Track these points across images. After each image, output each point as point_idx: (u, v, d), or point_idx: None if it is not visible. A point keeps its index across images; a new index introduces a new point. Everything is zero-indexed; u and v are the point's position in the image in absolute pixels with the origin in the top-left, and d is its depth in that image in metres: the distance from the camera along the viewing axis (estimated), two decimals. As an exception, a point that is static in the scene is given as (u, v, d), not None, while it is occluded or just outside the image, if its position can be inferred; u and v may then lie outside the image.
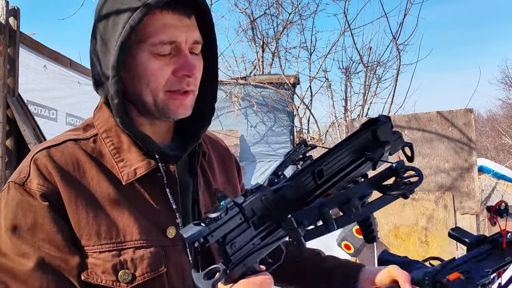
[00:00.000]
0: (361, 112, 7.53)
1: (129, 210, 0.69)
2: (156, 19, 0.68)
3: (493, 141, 21.67)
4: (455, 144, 3.40)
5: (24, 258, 0.63)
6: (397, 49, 6.45)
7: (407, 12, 6.28)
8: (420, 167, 3.44)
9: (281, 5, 9.23)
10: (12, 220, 0.64)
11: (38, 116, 4.86)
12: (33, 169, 0.67)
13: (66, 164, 0.68)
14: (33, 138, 4.04)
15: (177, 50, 0.70)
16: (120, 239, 0.67)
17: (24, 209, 0.65)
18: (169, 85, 0.71)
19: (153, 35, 0.68)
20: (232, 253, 0.55)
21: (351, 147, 0.58)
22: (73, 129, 0.77)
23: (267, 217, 0.56)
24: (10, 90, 4.15)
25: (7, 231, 0.64)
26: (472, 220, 3.29)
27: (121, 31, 0.66)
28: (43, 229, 0.64)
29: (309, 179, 0.57)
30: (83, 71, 5.92)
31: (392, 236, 3.47)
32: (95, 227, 0.66)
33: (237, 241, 0.55)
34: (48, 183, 0.66)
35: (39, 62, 5.03)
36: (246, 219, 0.55)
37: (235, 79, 6.63)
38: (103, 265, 0.65)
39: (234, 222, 0.54)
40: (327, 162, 0.58)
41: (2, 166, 4.05)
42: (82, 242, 0.66)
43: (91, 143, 0.73)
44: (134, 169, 0.71)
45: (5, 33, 4.13)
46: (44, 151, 0.69)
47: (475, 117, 3.51)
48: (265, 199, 0.55)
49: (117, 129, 0.74)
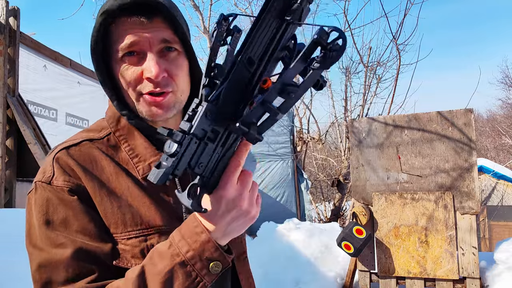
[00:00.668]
0: (361, 112, 7.53)
1: (149, 200, 0.74)
2: (117, 27, 0.73)
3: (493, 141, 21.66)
4: (455, 144, 3.39)
5: (61, 248, 0.67)
6: (397, 49, 6.45)
7: (407, 12, 6.27)
8: (420, 167, 3.45)
9: (281, 5, 9.21)
10: (45, 215, 0.68)
11: (38, 116, 4.86)
12: (57, 167, 0.71)
13: (85, 161, 0.73)
14: (33, 138, 4.04)
15: (143, 53, 0.73)
16: (144, 225, 0.72)
17: (54, 204, 0.69)
18: (140, 88, 0.74)
19: (115, 42, 0.73)
20: (203, 170, 0.58)
21: (268, 18, 0.53)
22: (87, 130, 0.81)
23: (218, 127, 0.57)
24: (10, 90, 4.15)
25: (41, 227, 0.68)
26: (472, 220, 3.29)
27: (91, 42, 0.73)
28: (75, 220, 0.68)
29: (242, 73, 0.55)
30: (83, 71, 5.92)
31: (392, 236, 3.47)
32: (120, 216, 0.71)
33: (202, 160, 0.57)
34: (73, 179, 0.70)
35: (39, 62, 5.03)
36: (200, 141, 0.56)
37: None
38: (131, 250, 0.70)
39: (191, 148, 0.55)
40: (252, 46, 0.54)
41: (2, 166, 4.05)
42: (111, 230, 0.71)
43: (105, 142, 0.77)
44: (148, 163, 0.76)
45: (5, 33, 4.13)
46: (64, 151, 0.73)
47: (475, 117, 3.51)
48: (210, 114, 0.55)
49: (129, 126, 0.79)
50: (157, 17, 0.73)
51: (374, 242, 3.53)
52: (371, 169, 3.63)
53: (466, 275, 3.24)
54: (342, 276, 3.87)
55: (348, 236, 3.32)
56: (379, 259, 3.50)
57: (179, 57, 0.76)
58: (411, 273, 3.38)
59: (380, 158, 3.60)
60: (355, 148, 3.72)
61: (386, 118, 3.67)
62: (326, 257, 4.09)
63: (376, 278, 3.56)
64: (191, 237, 0.63)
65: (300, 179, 6.97)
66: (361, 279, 3.60)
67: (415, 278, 3.39)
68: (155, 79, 0.72)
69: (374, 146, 3.65)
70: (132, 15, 0.71)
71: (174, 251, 0.63)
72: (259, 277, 3.96)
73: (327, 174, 9.82)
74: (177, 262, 0.62)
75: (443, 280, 3.31)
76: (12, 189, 4.15)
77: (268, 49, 0.56)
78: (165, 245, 0.65)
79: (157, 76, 0.72)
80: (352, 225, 3.37)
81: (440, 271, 3.29)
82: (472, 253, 3.24)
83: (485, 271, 3.42)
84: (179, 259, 0.62)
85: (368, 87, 7.68)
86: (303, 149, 7.77)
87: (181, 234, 0.64)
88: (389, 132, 3.61)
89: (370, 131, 3.68)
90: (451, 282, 3.28)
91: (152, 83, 0.73)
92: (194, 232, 0.63)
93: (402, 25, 6.21)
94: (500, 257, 3.47)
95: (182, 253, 0.63)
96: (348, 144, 6.85)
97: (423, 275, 3.34)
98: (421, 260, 3.36)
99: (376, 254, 3.53)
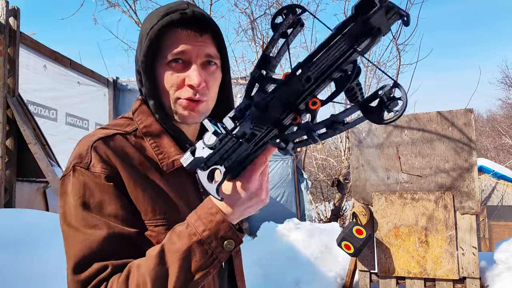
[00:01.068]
0: (361, 112, 7.51)
1: (173, 193, 0.81)
2: (171, 36, 0.81)
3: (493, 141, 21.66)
4: (455, 144, 3.39)
5: (96, 229, 0.72)
6: (397, 49, 6.45)
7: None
8: (420, 167, 3.45)
9: (281, 5, 9.23)
10: (81, 198, 0.73)
11: (38, 116, 4.86)
12: (94, 155, 0.76)
13: (120, 152, 0.79)
14: (33, 138, 4.04)
15: (188, 63, 0.82)
16: (170, 215, 0.78)
17: (91, 188, 0.74)
18: (179, 93, 0.82)
19: (166, 48, 0.81)
20: (231, 163, 0.63)
21: (342, 40, 0.53)
22: (112, 124, 0.87)
23: (258, 131, 0.60)
24: (10, 90, 4.15)
25: (77, 207, 0.73)
26: (472, 220, 3.29)
27: (143, 47, 0.81)
28: (110, 205, 0.74)
29: (296, 87, 0.56)
30: (83, 71, 5.92)
31: (392, 236, 3.47)
32: (150, 204, 0.77)
33: (233, 156, 0.62)
34: (110, 167, 0.76)
35: (39, 62, 5.03)
36: (238, 140, 0.59)
37: (235, 79, 6.62)
38: (157, 236, 0.76)
39: (228, 145, 0.60)
40: (316, 64, 0.55)
41: (2, 166, 4.05)
42: (141, 217, 0.76)
43: (132, 137, 0.83)
44: (172, 160, 0.82)
45: (5, 33, 4.13)
46: (101, 141, 0.78)
47: (475, 117, 3.51)
48: (255, 119, 0.58)
49: (156, 125, 0.85)
50: (207, 33, 0.83)
51: (374, 242, 3.53)
52: (371, 169, 3.63)
53: (466, 275, 3.24)
54: (342, 276, 3.86)
55: (348, 236, 3.32)
56: (379, 259, 3.50)
57: (216, 71, 0.86)
58: (411, 273, 3.38)
59: (380, 158, 3.60)
60: (355, 148, 3.72)
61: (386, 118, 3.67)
62: (326, 257, 4.09)
63: (376, 278, 3.56)
64: (206, 218, 0.69)
65: (300, 179, 6.97)
66: (361, 279, 3.60)
67: (415, 278, 3.39)
68: (196, 87, 0.81)
69: (374, 146, 3.65)
70: (188, 28, 0.81)
71: (191, 230, 0.69)
72: (259, 277, 3.96)
73: (327, 174, 9.82)
74: (195, 240, 0.68)
75: (443, 280, 3.31)
76: (12, 189, 4.15)
77: (329, 69, 0.56)
78: (182, 226, 0.71)
79: (199, 85, 0.80)
80: (352, 225, 3.37)
81: (440, 271, 3.29)
82: (472, 253, 3.24)
83: (485, 271, 3.42)
84: (196, 238, 0.68)
85: (368, 87, 7.67)
86: (303, 149, 7.77)
87: (197, 215, 0.70)
88: (389, 132, 3.61)
89: (370, 131, 3.68)
90: (451, 282, 3.28)
91: (192, 90, 0.81)
92: (209, 213, 0.70)
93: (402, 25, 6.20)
94: (500, 257, 3.47)
95: (199, 232, 0.68)
96: (348, 144, 6.85)
97: (423, 275, 3.34)
98: (421, 260, 3.36)
99: (376, 254, 3.53)
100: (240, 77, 6.74)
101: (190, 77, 0.81)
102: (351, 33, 0.52)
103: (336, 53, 0.54)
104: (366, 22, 0.51)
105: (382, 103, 0.53)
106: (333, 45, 0.53)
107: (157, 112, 0.84)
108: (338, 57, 0.54)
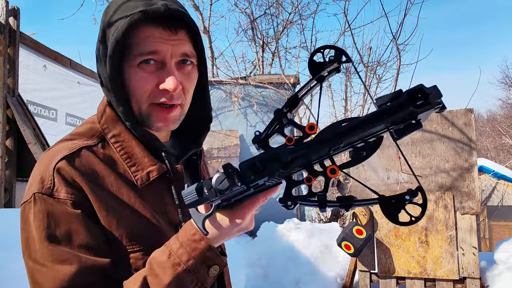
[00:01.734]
0: (361, 112, 7.53)
1: (149, 212, 0.73)
2: (140, 32, 0.71)
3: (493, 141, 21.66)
4: (455, 144, 3.39)
5: (66, 265, 0.64)
6: (397, 49, 6.44)
7: (407, 12, 6.26)
8: (421, 167, 3.45)
9: (281, 5, 9.23)
10: (46, 230, 0.65)
11: (38, 116, 4.86)
12: (58, 178, 0.67)
13: (87, 172, 0.70)
14: (33, 138, 4.04)
15: (162, 63, 0.72)
16: (147, 239, 0.72)
17: (56, 218, 0.66)
18: (152, 97, 0.73)
19: (136, 46, 0.71)
20: (227, 202, 0.61)
21: (384, 122, 0.52)
22: (77, 133, 0.77)
23: (269, 183, 0.59)
24: (10, 90, 4.15)
25: (42, 241, 0.65)
26: (472, 220, 3.29)
27: (110, 46, 0.70)
28: (79, 235, 0.66)
29: (320, 152, 0.55)
30: (83, 71, 5.92)
31: (392, 236, 3.47)
32: (125, 229, 0.70)
33: (234, 199, 0.61)
34: (76, 191, 0.67)
35: (39, 62, 5.03)
36: (248, 188, 0.57)
37: (235, 79, 6.62)
38: (135, 263, 0.70)
39: (236, 191, 0.58)
40: (351, 136, 0.54)
41: (2, 166, 4.05)
42: (115, 244, 0.69)
43: (100, 149, 0.74)
44: (147, 172, 0.75)
45: (5, 33, 4.13)
46: (65, 161, 0.69)
47: (475, 117, 3.51)
48: (275, 176, 0.56)
49: (126, 133, 0.76)
50: (182, 30, 0.73)
51: (374, 242, 3.53)
52: (371, 169, 3.63)
53: (466, 275, 3.23)
54: (342, 276, 3.86)
55: (348, 236, 3.32)
56: (379, 259, 3.50)
57: (193, 71, 0.77)
58: (411, 273, 3.38)
59: (380, 158, 3.60)
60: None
61: (386, 118, 3.67)
62: (326, 257, 4.09)
63: (376, 278, 3.56)
64: (190, 245, 0.64)
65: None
66: (361, 279, 3.60)
67: (415, 278, 3.39)
68: (172, 92, 0.72)
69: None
70: (160, 25, 0.71)
71: (174, 260, 0.64)
72: (259, 277, 3.96)
73: (327, 174, 9.79)
74: (179, 271, 0.63)
75: (443, 280, 3.30)
76: (12, 189, 4.15)
77: (358, 141, 0.55)
78: (164, 254, 0.65)
79: (175, 89, 0.71)
80: (352, 225, 3.37)
81: (440, 271, 3.28)
82: (472, 253, 3.24)
83: (485, 271, 3.42)
84: (180, 268, 0.63)
85: (368, 87, 7.67)
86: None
87: (180, 242, 0.65)
88: (389, 132, 3.60)
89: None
90: (451, 282, 3.28)
91: (167, 94, 0.73)
92: (192, 240, 0.64)
93: (402, 25, 6.20)
94: (500, 257, 3.47)
95: (183, 261, 0.64)
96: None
97: (423, 275, 3.34)
98: (421, 260, 3.35)
99: (376, 254, 3.53)
100: (240, 77, 6.73)
101: (166, 81, 0.71)
102: (395, 118, 0.51)
103: (373, 129, 0.53)
104: (414, 114, 0.50)
105: (401, 204, 0.53)
106: (375, 124, 0.52)
107: (127, 120, 0.74)
108: (373, 133, 0.54)
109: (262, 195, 0.62)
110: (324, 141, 0.54)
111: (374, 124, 0.52)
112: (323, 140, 0.54)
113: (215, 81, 6.59)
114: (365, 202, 0.57)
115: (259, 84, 6.55)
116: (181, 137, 0.86)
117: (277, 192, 0.62)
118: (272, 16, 9.34)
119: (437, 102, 0.49)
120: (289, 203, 0.57)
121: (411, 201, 0.54)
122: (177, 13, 0.71)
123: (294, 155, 0.55)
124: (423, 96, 0.49)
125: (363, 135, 0.54)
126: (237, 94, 6.45)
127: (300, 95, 0.61)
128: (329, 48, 0.58)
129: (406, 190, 0.53)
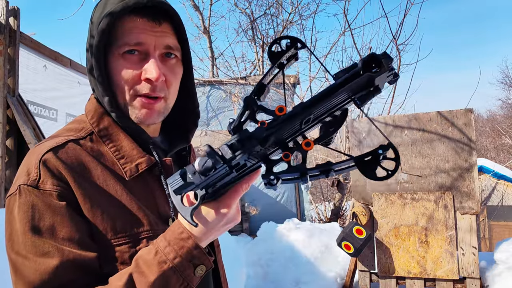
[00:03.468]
0: (361, 112, 7.52)
1: (137, 204, 0.73)
2: (125, 24, 0.73)
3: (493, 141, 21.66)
4: (455, 144, 3.39)
5: (48, 258, 0.64)
6: (397, 49, 6.44)
7: (407, 12, 6.26)
8: (420, 167, 3.45)
9: (281, 5, 9.24)
10: (30, 222, 0.65)
11: (38, 116, 4.86)
12: (44, 170, 0.67)
13: (73, 165, 0.70)
14: (33, 138, 4.04)
15: (146, 54, 0.74)
16: (133, 231, 0.71)
17: (41, 210, 0.65)
18: (136, 89, 0.74)
19: (120, 37, 0.73)
20: (212, 190, 0.62)
21: (346, 90, 0.57)
22: (66, 128, 0.78)
23: (249, 162, 0.60)
24: (10, 90, 4.15)
25: (25, 233, 0.65)
26: (472, 220, 3.29)
27: (95, 36, 0.72)
28: (63, 227, 0.66)
29: (294, 126, 0.59)
30: (83, 71, 5.92)
31: (392, 236, 3.47)
32: (110, 222, 0.69)
33: (218, 184, 0.61)
34: (62, 183, 0.67)
35: (39, 62, 5.03)
36: (231, 169, 0.59)
37: (235, 79, 6.62)
38: (121, 256, 0.69)
39: (219, 173, 0.59)
40: (319, 108, 0.58)
41: (2, 166, 4.05)
42: (100, 237, 0.69)
43: (88, 142, 0.75)
44: (135, 164, 0.75)
45: (5, 33, 4.13)
46: (51, 153, 0.69)
47: (475, 117, 3.51)
48: (253, 154, 0.59)
49: (113, 126, 0.77)
50: (166, 22, 0.75)
51: (374, 242, 3.53)
52: (371, 169, 3.63)
53: (466, 275, 3.24)
54: (342, 276, 3.87)
55: (348, 236, 3.32)
56: (379, 259, 3.50)
57: (177, 65, 0.78)
58: (411, 273, 3.38)
59: (380, 158, 3.60)
60: (355, 148, 3.72)
61: (386, 118, 3.67)
62: (326, 257, 4.09)
63: (376, 278, 3.56)
64: (177, 243, 0.64)
65: (300, 179, 6.95)
66: (361, 279, 3.60)
67: (415, 278, 3.39)
68: (155, 82, 0.73)
69: (374, 146, 3.64)
70: (144, 16, 0.73)
71: (161, 258, 0.63)
72: (259, 277, 3.96)
73: (327, 174, 9.79)
74: (165, 269, 0.63)
75: (443, 280, 3.31)
76: (12, 189, 4.15)
77: (325, 114, 0.59)
78: (150, 252, 0.65)
79: (157, 79, 0.72)
80: (352, 225, 3.37)
81: (440, 271, 3.29)
82: (472, 253, 3.24)
83: (485, 271, 3.42)
84: (166, 266, 0.63)
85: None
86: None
87: (167, 240, 0.65)
88: (389, 132, 3.60)
89: (370, 131, 3.68)
90: (451, 282, 3.28)
91: (150, 85, 0.73)
92: (180, 238, 0.64)
93: (402, 25, 6.21)
94: (500, 257, 3.47)
95: (169, 259, 0.63)
96: (348, 144, 6.85)
97: (423, 275, 3.34)
98: (421, 260, 3.36)
99: (376, 254, 3.53)
100: (240, 77, 6.73)
101: (147, 70, 0.72)
102: (354, 86, 0.56)
103: (337, 100, 0.57)
104: (371, 80, 0.55)
105: (376, 161, 0.57)
106: (337, 93, 0.56)
107: (113, 111, 0.74)
108: (337, 104, 0.58)
109: (244, 181, 0.62)
110: (294, 115, 0.58)
111: (336, 93, 0.56)
112: (293, 114, 0.58)
113: (215, 81, 6.59)
114: (343, 166, 0.59)
115: (259, 84, 6.54)
116: (169, 134, 0.88)
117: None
118: (272, 16, 9.35)
119: (390, 67, 0.55)
120: (272, 177, 0.59)
121: (385, 156, 0.57)
122: (161, 4, 0.73)
123: (268, 131, 0.58)
124: (377, 63, 0.55)
125: (329, 106, 0.58)
126: (237, 94, 6.45)
127: (266, 82, 0.64)
128: (285, 38, 0.62)
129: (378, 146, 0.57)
